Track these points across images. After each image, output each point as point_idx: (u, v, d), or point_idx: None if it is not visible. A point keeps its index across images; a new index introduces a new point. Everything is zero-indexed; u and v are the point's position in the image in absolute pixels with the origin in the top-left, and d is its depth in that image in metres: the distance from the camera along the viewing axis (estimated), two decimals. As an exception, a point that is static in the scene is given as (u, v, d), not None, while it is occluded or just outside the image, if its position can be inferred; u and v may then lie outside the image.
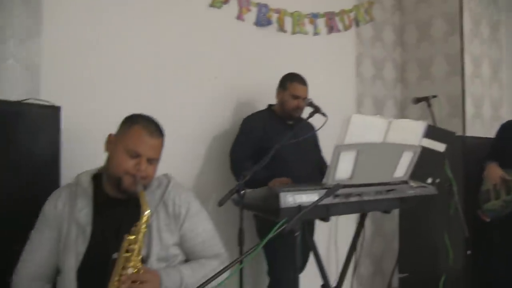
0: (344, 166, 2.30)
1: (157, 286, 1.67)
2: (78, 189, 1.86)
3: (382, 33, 4.59)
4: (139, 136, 1.79)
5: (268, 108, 3.29)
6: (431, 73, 4.45)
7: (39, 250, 1.84)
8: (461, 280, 3.93)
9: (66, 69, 2.76)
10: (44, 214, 1.86)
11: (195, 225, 1.92)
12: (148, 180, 1.84)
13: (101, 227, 1.80)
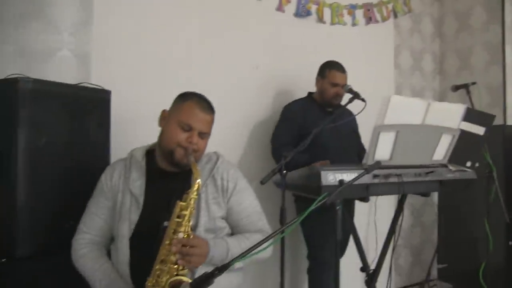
0: (383, 147, 2.34)
1: (205, 252, 1.75)
2: (132, 162, 1.98)
3: (420, 25, 4.59)
4: (192, 110, 1.90)
5: (308, 96, 3.35)
6: (470, 64, 4.42)
7: (96, 219, 1.97)
8: (502, 270, 3.91)
9: (115, 57, 2.90)
10: (101, 185, 2.00)
11: (241, 200, 2.00)
12: (199, 154, 1.94)
13: (153, 197, 1.91)
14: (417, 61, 4.57)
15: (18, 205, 2.00)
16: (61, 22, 2.74)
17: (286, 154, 2.35)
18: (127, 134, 2.64)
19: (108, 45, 2.89)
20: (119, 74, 2.85)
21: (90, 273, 1.89)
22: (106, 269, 1.88)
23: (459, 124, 2.56)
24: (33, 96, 2.06)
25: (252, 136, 3.48)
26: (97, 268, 1.89)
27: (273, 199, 2.67)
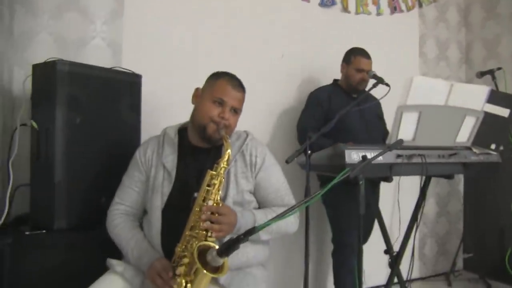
0: (406, 127, 2.39)
1: (234, 221, 1.83)
2: (165, 139, 2.09)
3: (446, 14, 4.58)
4: (224, 87, 2.00)
5: (334, 83, 3.41)
6: (497, 53, 4.39)
7: (130, 191, 2.08)
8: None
9: (145, 45, 3.04)
10: (135, 160, 2.11)
11: (269, 175, 2.08)
12: (230, 130, 2.02)
13: (185, 171, 2.00)
14: (442, 51, 4.56)
15: (56, 180, 2.15)
16: (94, 12, 2.91)
17: (311, 135, 2.41)
18: (157, 116, 2.74)
19: (138, 34, 3.04)
20: (149, 61, 2.98)
21: (123, 242, 1.99)
22: (138, 239, 1.98)
23: (483, 106, 2.58)
24: (69, 77, 2.20)
25: (278, 123, 3.56)
26: (130, 237, 1.99)
27: (299, 181, 2.72)
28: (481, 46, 4.57)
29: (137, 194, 2.08)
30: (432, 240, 4.50)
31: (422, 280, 4.36)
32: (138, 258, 1.91)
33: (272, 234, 2.02)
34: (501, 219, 3.68)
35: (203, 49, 3.20)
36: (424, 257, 4.44)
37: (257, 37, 3.47)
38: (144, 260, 1.88)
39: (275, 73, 3.54)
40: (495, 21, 4.44)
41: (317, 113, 3.19)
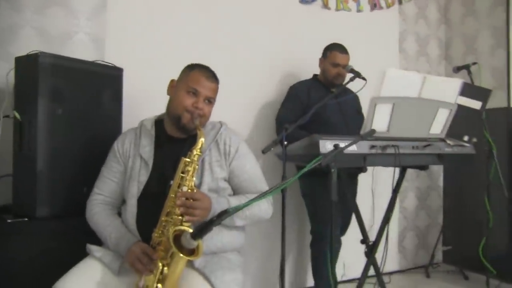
0: (380, 118, 2.45)
1: (208, 206, 1.90)
2: (143, 130, 2.16)
3: (425, 11, 4.67)
4: (198, 77, 2.08)
5: (313, 77, 3.49)
6: (475, 48, 4.50)
7: (108, 182, 2.15)
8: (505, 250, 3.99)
9: (127, 40, 3.11)
10: (113, 151, 2.18)
11: (243, 163, 2.15)
12: (205, 119, 2.10)
13: (161, 160, 2.08)
14: (422, 47, 4.65)
15: (38, 170, 2.21)
16: (78, 7, 2.98)
17: (287, 126, 2.48)
18: (138, 108, 2.80)
19: (121, 29, 3.11)
20: (131, 56, 3.04)
21: (101, 229, 2.06)
22: (117, 225, 2.05)
23: (456, 99, 2.65)
24: (51, 70, 2.26)
25: (259, 116, 3.63)
26: (108, 223, 2.06)
27: (278, 172, 2.79)
28: (460, 42, 4.67)
29: (115, 184, 2.15)
30: (412, 233, 4.59)
31: (402, 273, 4.44)
32: (116, 243, 1.97)
33: (246, 220, 2.09)
34: (479, 213, 3.76)
35: (185, 44, 3.26)
36: (404, 250, 4.53)
37: (239, 32, 3.54)
38: (123, 244, 1.94)
39: (256, 67, 3.61)
40: (474, 17, 4.54)
41: (296, 106, 3.26)
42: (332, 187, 2.11)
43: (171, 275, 1.78)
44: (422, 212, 4.65)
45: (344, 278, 3.84)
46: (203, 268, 1.90)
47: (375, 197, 3.34)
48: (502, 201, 3.64)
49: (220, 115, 2.31)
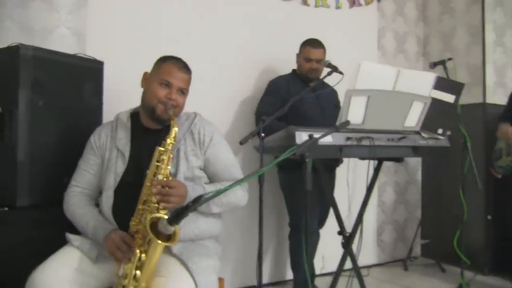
0: (355, 111, 2.52)
1: (183, 193, 1.95)
2: (119, 123, 2.21)
3: (404, 8, 4.76)
4: (170, 69, 2.12)
5: (292, 72, 3.54)
6: (452, 45, 4.59)
7: (85, 174, 2.20)
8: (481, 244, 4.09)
9: (108, 34, 3.14)
10: (90, 144, 2.22)
11: (218, 152, 2.21)
12: (178, 110, 2.15)
13: (138, 151, 2.13)
14: (400, 44, 4.74)
15: (18, 160, 2.24)
16: (59, 1, 3.00)
17: (265, 118, 2.53)
18: (118, 102, 2.82)
19: (102, 23, 3.13)
20: (112, 49, 3.07)
21: (79, 218, 2.10)
22: (94, 214, 2.09)
23: (430, 92, 2.72)
24: (32, 62, 2.29)
25: (239, 110, 3.68)
26: (85, 213, 2.10)
27: (256, 164, 2.84)
28: (438, 39, 4.76)
29: (92, 176, 2.19)
30: (390, 227, 4.67)
31: (380, 266, 4.52)
32: (94, 231, 2.01)
33: (222, 207, 2.15)
34: (455, 206, 3.84)
35: (166, 38, 3.29)
36: (383, 243, 4.61)
37: (220, 28, 3.59)
38: (100, 232, 1.98)
39: (236, 63, 3.67)
40: (450, 15, 4.63)
41: (275, 100, 3.31)
42: (307, 177, 2.15)
43: (149, 262, 1.81)
44: (400, 206, 4.73)
45: (323, 271, 3.90)
46: (180, 255, 1.95)
47: (352, 189, 3.41)
48: (476, 194, 3.74)
49: (200, 110, 2.37)
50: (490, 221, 4.11)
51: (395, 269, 4.42)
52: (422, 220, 4.70)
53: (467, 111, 3.58)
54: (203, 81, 3.35)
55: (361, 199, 3.04)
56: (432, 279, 4.05)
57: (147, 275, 1.82)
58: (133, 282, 1.82)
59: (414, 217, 4.79)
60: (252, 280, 3.12)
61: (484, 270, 4.07)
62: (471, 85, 4.32)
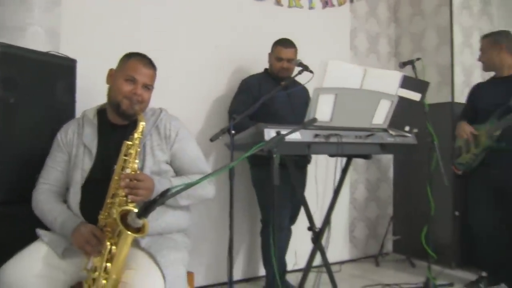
0: (323, 108, 2.59)
1: (151, 186, 1.99)
2: (85, 120, 2.25)
3: (376, 9, 4.86)
4: (135, 65, 2.17)
5: (265, 71, 3.60)
6: (422, 46, 4.71)
7: (53, 171, 2.22)
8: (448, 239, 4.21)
9: (82, 32, 3.15)
10: (57, 142, 2.25)
11: (184, 146, 2.26)
12: (144, 105, 2.19)
13: (105, 147, 2.17)
14: (373, 44, 4.83)
15: (-10, 156, 2.24)
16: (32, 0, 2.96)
17: (235, 116, 2.58)
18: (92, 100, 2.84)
19: (76, 21, 3.14)
20: (86, 48, 3.06)
21: (47, 214, 2.12)
22: (62, 209, 2.12)
23: (397, 91, 2.80)
24: (3, 59, 2.30)
25: (211, 110, 3.73)
26: (53, 208, 2.12)
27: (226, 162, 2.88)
28: (409, 40, 4.87)
29: (60, 173, 2.21)
30: (362, 224, 4.76)
31: (352, 262, 4.60)
32: (62, 226, 2.03)
33: (190, 199, 2.19)
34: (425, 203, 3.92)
35: (139, 37, 3.30)
36: (355, 239, 4.69)
37: (193, 27, 3.62)
38: (68, 226, 2.00)
39: (210, 62, 3.71)
40: (421, 16, 4.75)
41: (247, 99, 3.35)
42: (274, 172, 2.21)
43: (118, 254, 1.84)
44: (372, 203, 4.82)
45: (296, 267, 3.95)
46: (149, 248, 1.98)
47: (323, 186, 3.48)
48: (444, 191, 3.84)
49: (174, 108, 2.41)
50: (457, 217, 4.22)
51: (367, 265, 4.51)
52: (394, 216, 4.79)
53: (436, 110, 3.67)
54: (177, 80, 3.44)
55: (329, 194, 3.12)
56: (402, 274, 4.14)
57: (118, 267, 1.86)
58: (104, 274, 1.86)
59: (385, 214, 4.88)
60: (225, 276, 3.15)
61: (451, 264, 4.19)
62: (441, 85, 4.43)
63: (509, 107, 3.31)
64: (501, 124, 3.32)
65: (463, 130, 3.55)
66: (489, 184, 3.50)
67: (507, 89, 3.38)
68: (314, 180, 3.31)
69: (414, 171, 4.51)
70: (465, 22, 4.54)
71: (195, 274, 2.46)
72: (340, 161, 2.86)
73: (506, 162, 3.37)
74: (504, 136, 3.33)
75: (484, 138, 3.45)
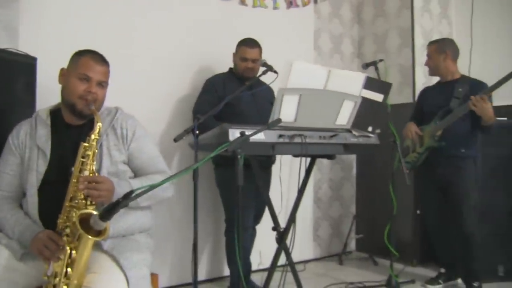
0: (288, 109, 2.59)
1: (111, 188, 1.94)
2: (38, 121, 2.16)
3: (339, 10, 4.90)
4: (88, 63, 2.11)
5: (229, 71, 3.59)
6: (385, 47, 4.78)
7: (4, 176, 2.13)
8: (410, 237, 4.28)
9: (42, 28, 3.06)
10: (8, 145, 2.16)
11: (141, 145, 2.22)
12: (99, 103, 2.14)
13: (60, 148, 2.10)
14: (336, 45, 4.87)
15: None
16: None
17: (199, 116, 2.56)
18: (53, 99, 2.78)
19: (35, 17, 3.05)
20: (46, 44, 3.01)
21: (3, 224, 2.05)
22: (19, 218, 2.04)
23: (360, 92, 2.81)
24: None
25: (176, 109, 3.69)
26: (9, 217, 2.04)
27: (190, 162, 2.86)
28: (372, 41, 4.93)
29: (12, 177, 2.12)
30: (326, 223, 4.80)
31: (317, 261, 4.64)
32: (20, 235, 1.97)
33: (150, 200, 2.15)
34: (387, 202, 3.99)
35: (101, 34, 3.24)
36: (318, 238, 4.73)
37: (156, 25, 3.58)
38: (27, 234, 1.94)
39: (173, 61, 3.67)
40: (384, 18, 4.81)
41: (212, 98, 3.34)
42: (239, 173, 2.20)
43: (79, 258, 1.80)
44: (335, 202, 4.87)
45: (260, 267, 3.96)
46: (111, 250, 1.95)
47: (287, 186, 3.48)
48: (406, 190, 3.91)
49: (137, 108, 2.39)
50: (418, 215, 4.29)
51: (331, 264, 4.55)
52: (357, 215, 4.85)
53: (398, 111, 3.75)
54: (140, 79, 3.40)
55: (293, 193, 3.14)
56: (365, 272, 4.19)
57: (79, 272, 1.82)
58: (65, 280, 1.81)
59: (349, 213, 4.94)
60: (190, 276, 3.14)
61: (412, 262, 4.28)
62: (402, 86, 4.50)
63: (449, 109, 3.49)
64: (442, 125, 3.51)
65: (409, 130, 3.72)
66: (435, 183, 3.68)
67: (449, 93, 3.56)
68: (278, 180, 3.30)
69: (377, 170, 4.57)
70: (426, 25, 4.63)
71: (159, 275, 2.42)
72: (304, 161, 2.89)
73: (447, 160, 3.55)
74: (444, 136, 3.51)
75: (427, 138, 3.62)
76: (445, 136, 3.50)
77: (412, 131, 3.68)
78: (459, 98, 3.48)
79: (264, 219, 3.60)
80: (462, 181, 3.52)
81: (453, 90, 3.54)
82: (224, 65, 3.65)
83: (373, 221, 4.61)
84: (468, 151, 3.52)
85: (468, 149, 3.52)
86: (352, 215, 4.88)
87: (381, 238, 3.51)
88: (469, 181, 3.53)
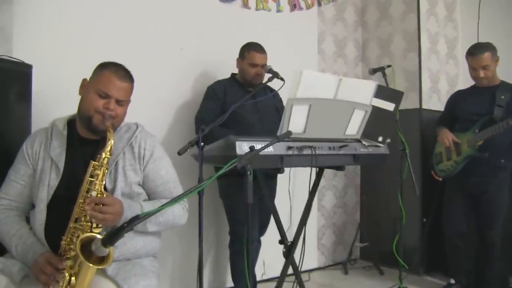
0: (297, 120, 2.47)
1: (119, 211, 1.82)
2: (54, 131, 2.04)
3: (343, 13, 4.79)
4: (109, 79, 1.97)
5: (231, 77, 3.47)
6: (390, 51, 4.67)
7: (15, 185, 2.02)
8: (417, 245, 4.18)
9: (37, 35, 2.92)
10: (22, 153, 2.04)
11: (158, 168, 2.10)
12: (117, 120, 2.01)
13: (73, 163, 1.98)
14: (340, 48, 4.76)
15: None
16: None
17: (204, 127, 2.44)
18: (48, 107, 2.68)
19: (29, 23, 2.91)
20: (41, 51, 2.88)
21: (7, 239, 1.94)
22: (23, 235, 1.92)
23: (371, 100, 2.71)
24: None
25: (177, 116, 3.57)
26: (14, 233, 1.93)
27: (194, 174, 2.74)
28: (376, 44, 4.82)
29: (22, 187, 2.01)
30: (330, 231, 4.69)
31: (321, 270, 4.53)
32: (22, 255, 1.87)
33: (159, 226, 2.04)
34: (393, 210, 3.91)
35: (98, 40, 3.12)
36: (323, 247, 4.62)
37: (156, 30, 3.45)
38: (29, 256, 1.84)
39: (174, 66, 3.55)
40: (388, 21, 4.70)
41: (214, 105, 3.24)
42: (248, 189, 2.08)
43: (79, 285, 1.69)
44: (339, 210, 4.76)
45: (264, 277, 3.87)
46: (115, 276, 1.83)
47: (293, 198, 3.37)
48: (413, 198, 3.80)
49: (138, 115, 2.25)
50: (425, 223, 4.21)
51: (335, 273, 4.46)
52: (361, 223, 4.75)
53: (404, 116, 3.62)
54: (140, 86, 3.19)
55: (301, 206, 3.03)
56: (372, 282, 4.10)
57: (78, 300, 1.70)
58: (63, 307, 1.70)
59: (353, 221, 4.84)
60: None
61: (419, 271, 4.19)
62: (408, 91, 4.39)
63: (492, 118, 3.34)
64: (484, 135, 3.35)
65: (446, 138, 3.56)
66: (465, 190, 3.56)
67: (490, 100, 3.41)
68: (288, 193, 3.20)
69: (381, 178, 4.48)
70: (432, 28, 4.52)
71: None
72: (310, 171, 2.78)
73: (486, 171, 3.43)
74: (487, 146, 3.36)
75: (465, 146, 3.47)
76: (485, 146, 3.36)
77: (450, 138, 3.53)
78: (502, 107, 3.34)
79: (269, 229, 3.51)
80: (497, 191, 3.43)
81: (494, 97, 3.39)
82: (226, 69, 3.54)
83: (378, 229, 4.54)
84: (507, 162, 3.42)
85: (508, 160, 3.42)
86: (356, 223, 4.78)
87: (385, 246, 3.44)
88: (505, 192, 3.45)
